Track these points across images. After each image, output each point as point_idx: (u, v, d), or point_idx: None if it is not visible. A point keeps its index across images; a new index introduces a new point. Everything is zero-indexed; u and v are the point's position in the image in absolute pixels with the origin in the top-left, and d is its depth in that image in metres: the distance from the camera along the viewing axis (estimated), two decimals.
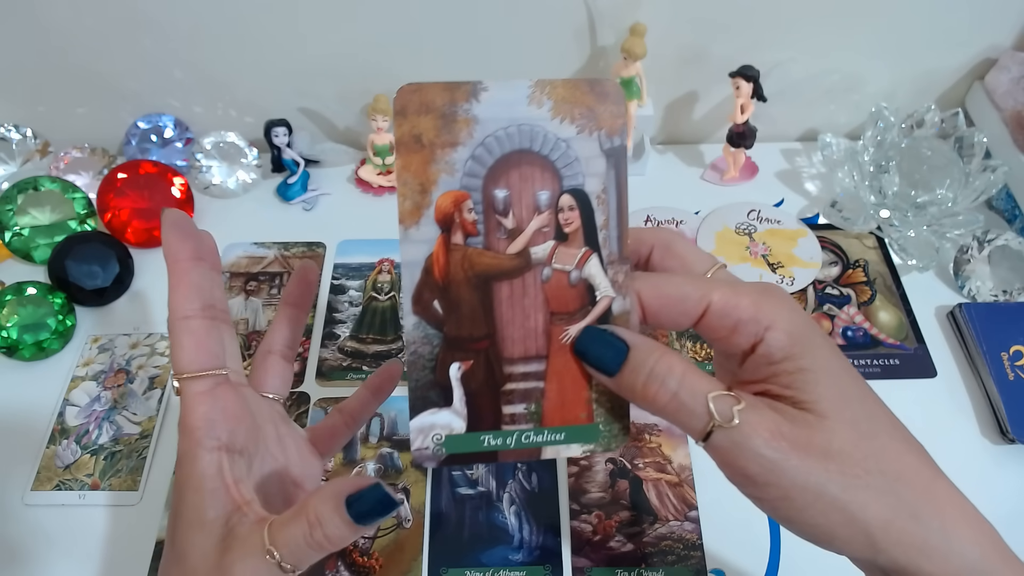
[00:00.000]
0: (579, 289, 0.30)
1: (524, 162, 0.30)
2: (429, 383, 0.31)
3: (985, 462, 0.55)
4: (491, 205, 0.29)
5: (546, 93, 0.30)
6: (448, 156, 0.29)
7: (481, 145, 0.29)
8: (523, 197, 0.30)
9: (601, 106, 0.30)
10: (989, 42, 0.70)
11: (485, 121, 0.29)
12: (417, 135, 0.29)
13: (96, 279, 0.62)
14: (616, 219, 0.30)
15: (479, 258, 0.30)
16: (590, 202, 0.30)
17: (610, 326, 0.30)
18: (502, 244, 0.30)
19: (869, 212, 0.67)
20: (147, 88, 0.71)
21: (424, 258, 0.29)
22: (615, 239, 0.30)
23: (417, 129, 0.29)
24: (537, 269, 0.30)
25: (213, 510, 0.29)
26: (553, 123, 0.30)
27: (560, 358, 0.30)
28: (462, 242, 0.29)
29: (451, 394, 0.30)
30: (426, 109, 0.29)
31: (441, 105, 0.29)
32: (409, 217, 0.29)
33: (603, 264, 0.30)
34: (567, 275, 0.30)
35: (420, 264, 0.29)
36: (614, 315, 0.30)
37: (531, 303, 0.30)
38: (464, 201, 0.29)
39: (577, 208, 0.30)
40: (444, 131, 0.29)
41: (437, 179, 0.29)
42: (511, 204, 0.30)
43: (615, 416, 0.31)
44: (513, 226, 0.30)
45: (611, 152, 0.30)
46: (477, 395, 0.30)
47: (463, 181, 0.29)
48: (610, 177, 0.30)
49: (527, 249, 0.30)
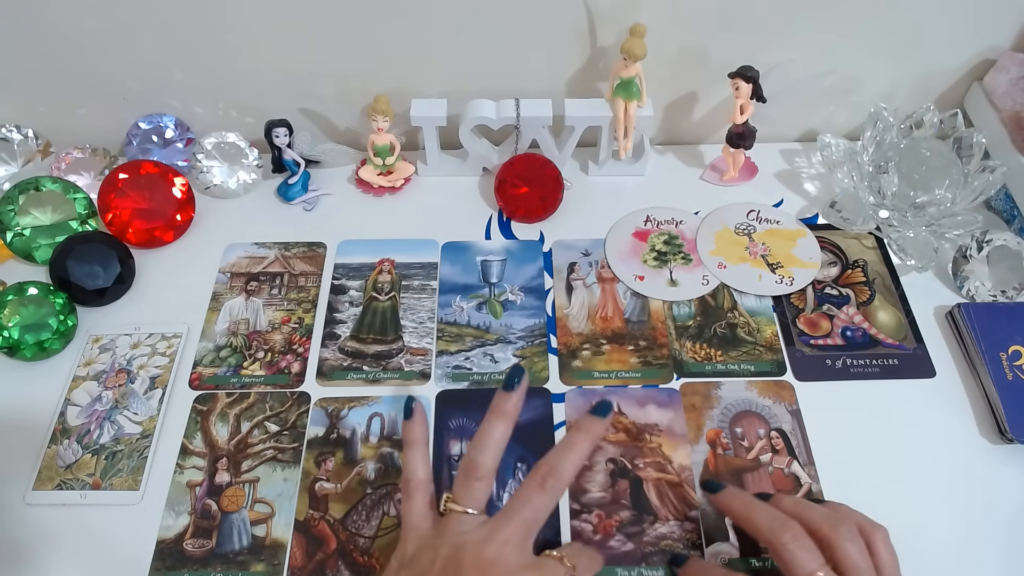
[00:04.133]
0: (791, 478, 0.54)
1: (748, 415, 0.57)
2: (713, 526, 0.52)
3: (984, 462, 0.55)
4: (734, 435, 0.56)
5: (756, 388, 0.59)
6: (709, 413, 0.57)
7: (726, 408, 0.58)
8: (750, 432, 0.56)
9: (784, 392, 0.58)
10: (988, 43, 0.70)
11: (726, 397, 0.58)
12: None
13: (97, 279, 0.63)
14: (802, 441, 0.55)
15: (732, 461, 0.55)
16: (787, 433, 0.56)
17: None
18: (742, 453, 0.55)
19: (868, 212, 0.68)
20: (148, 88, 0.72)
21: (702, 460, 0.55)
22: (804, 452, 0.55)
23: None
24: (764, 467, 0.54)
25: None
26: (761, 399, 0.58)
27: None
28: (722, 452, 0.55)
29: (728, 533, 0.52)
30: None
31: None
32: (694, 440, 0.56)
33: (800, 465, 0.54)
34: (781, 470, 0.54)
35: (700, 464, 0.54)
36: (813, 492, 0.53)
37: (764, 484, 0.54)
38: (720, 433, 0.56)
39: (780, 436, 0.56)
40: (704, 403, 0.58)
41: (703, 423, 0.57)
42: (745, 434, 0.56)
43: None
44: (748, 445, 0.56)
45: (794, 413, 0.57)
46: (742, 535, 0.51)
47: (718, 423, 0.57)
48: (796, 423, 0.57)
49: (758, 457, 0.55)
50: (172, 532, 0.52)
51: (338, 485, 0.54)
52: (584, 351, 0.61)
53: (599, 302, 0.64)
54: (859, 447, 0.55)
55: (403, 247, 0.68)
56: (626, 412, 0.57)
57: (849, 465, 0.54)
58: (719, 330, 0.62)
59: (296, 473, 0.55)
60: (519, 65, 0.70)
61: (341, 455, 0.56)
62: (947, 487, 0.54)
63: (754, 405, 0.58)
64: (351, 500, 0.53)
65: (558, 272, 0.66)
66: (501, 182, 0.70)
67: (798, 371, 0.60)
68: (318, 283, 0.66)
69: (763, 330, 0.62)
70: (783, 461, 0.55)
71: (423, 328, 0.63)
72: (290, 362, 0.61)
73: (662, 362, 0.60)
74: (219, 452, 0.56)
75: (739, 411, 0.57)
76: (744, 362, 0.60)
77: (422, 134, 0.70)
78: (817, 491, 0.53)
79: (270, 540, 0.52)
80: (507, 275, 0.66)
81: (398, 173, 0.73)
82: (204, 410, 0.58)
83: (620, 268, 0.66)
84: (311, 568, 0.50)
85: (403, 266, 0.67)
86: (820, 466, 0.54)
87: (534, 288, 0.65)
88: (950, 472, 0.55)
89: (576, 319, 0.63)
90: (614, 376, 0.59)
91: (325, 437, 0.56)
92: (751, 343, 0.61)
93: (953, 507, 0.53)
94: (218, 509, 0.53)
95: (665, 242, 0.68)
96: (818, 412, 0.57)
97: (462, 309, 0.64)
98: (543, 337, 0.62)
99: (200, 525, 0.52)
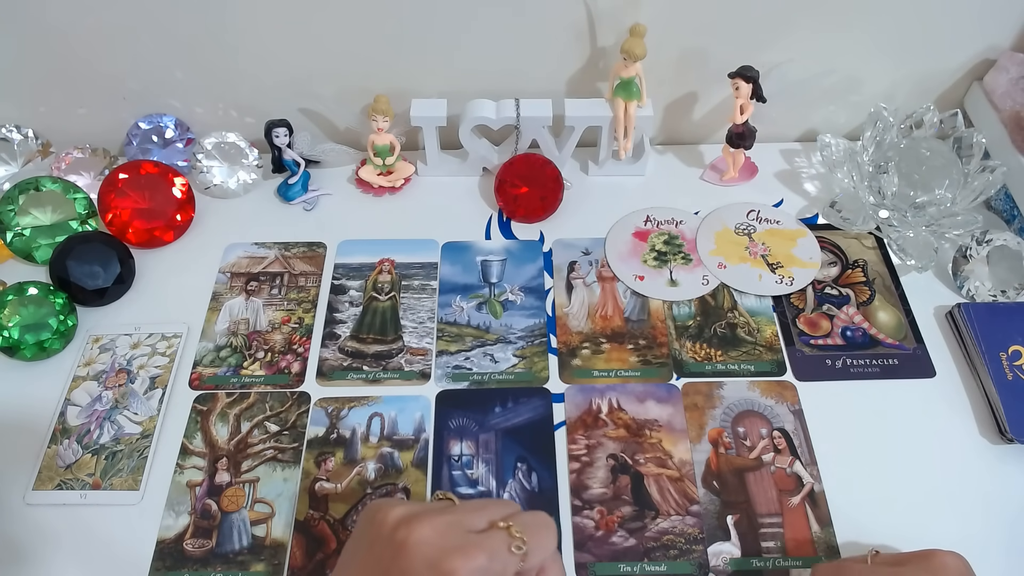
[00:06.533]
0: (793, 478, 0.54)
1: (750, 415, 0.57)
2: (715, 526, 0.51)
3: (984, 462, 0.55)
4: (736, 435, 0.56)
5: (759, 388, 0.59)
6: (712, 412, 0.58)
7: (728, 408, 0.57)
8: (752, 431, 0.56)
9: (786, 391, 0.58)
10: (988, 43, 0.70)
11: (729, 397, 0.58)
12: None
13: (97, 279, 0.63)
14: (805, 441, 0.55)
15: (734, 460, 0.55)
16: (789, 433, 0.56)
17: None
18: (744, 453, 0.55)
19: (868, 212, 0.68)
20: (148, 88, 0.72)
21: (704, 460, 0.55)
22: (806, 452, 0.55)
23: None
24: (767, 467, 0.54)
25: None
26: (763, 399, 0.58)
27: (789, 515, 0.52)
28: (724, 452, 0.55)
29: (730, 533, 0.51)
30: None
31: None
32: (696, 439, 0.56)
33: (803, 464, 0.54)
34: (783, 470, 0.54)
35: (703, 463, 0.54)
36: (815, 492, 0.53)
37: (767, 484, 0.54)
38: (722, 433, 0.56)
39: (782, 436, 0.56)
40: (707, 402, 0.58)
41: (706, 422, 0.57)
42: (747, 434, 0.56)
43: (830, 553, 0.50)
44: (750, 444, 0.55)
45: (796, 413, 0.57)
46: (744, 535, 0.51)
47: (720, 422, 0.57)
48: (798, 422, 0.56)
49: (760, 456, 0.55)
50: (172, 532, 0.52)
51: (338, 485, 0.54)
52: (584, 350, 0.61)
53: (599, 301, 0.64)
54: (859, 447, 0.55)
55: (403, 247, 0.68)
56: (626, 408, 0.57)
57: (850, 465, 0.54)
58: (719, 330, 0.62)
59: (296, 473, 0.55)
60: (519, 65, 0.70)
61: (341, 455, 0.55)
62: (947, 487, 0.54)
63: (756, 405, 0.58)
64: (351, 500, 0.53)
65: (558, 271, 0.66)
66: (501, 182, 0.70)
67: (798, 371, 0.60)
68: (318, 283, 0.66)
69: (763, 330, 0.62)
70: (785, 461, 0.55)
71: (423, 328, 0.63)
72: (290, 362, 0.61)
73: (662, 361, 0.60)
74: (219, 452, 0.56)
75: (741, 411, 0.57)
76: (744, 362, 0.60)
77: (422, 134, 0.70)
78: (819, 491, 0.53)
79: (270, 540, 0.52)
80: (507, 275, 0.66)
81: (398, 173, 0.73)
82: (204, 410, 0.58)
83: (620, 268, 0.66)
84: (311, 568, 0.50)
85: (403, 266, 0.67)
86: (822, 466, 0.54)
87: (534, 288, 0.65)
88: (950, 472, 0.55)
89: (576, 318, 0.63)
90: (614, 375, 0.59)
91: (325, 437, 0.56)
92: (751, 343, 0.61)
93: (953, 507, 0.53)
94: (218, 509, 0.53)
95: (665, 242, 0.68)
96: (818, 412, 0.57)
97: (462, 309, 0.64)
98: (543, 337, 0.62)
99: (200, 525, 0.52)
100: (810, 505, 0.53)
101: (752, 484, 0.54)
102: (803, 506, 0.53)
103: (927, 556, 0.43)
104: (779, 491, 0.53)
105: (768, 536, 0.51)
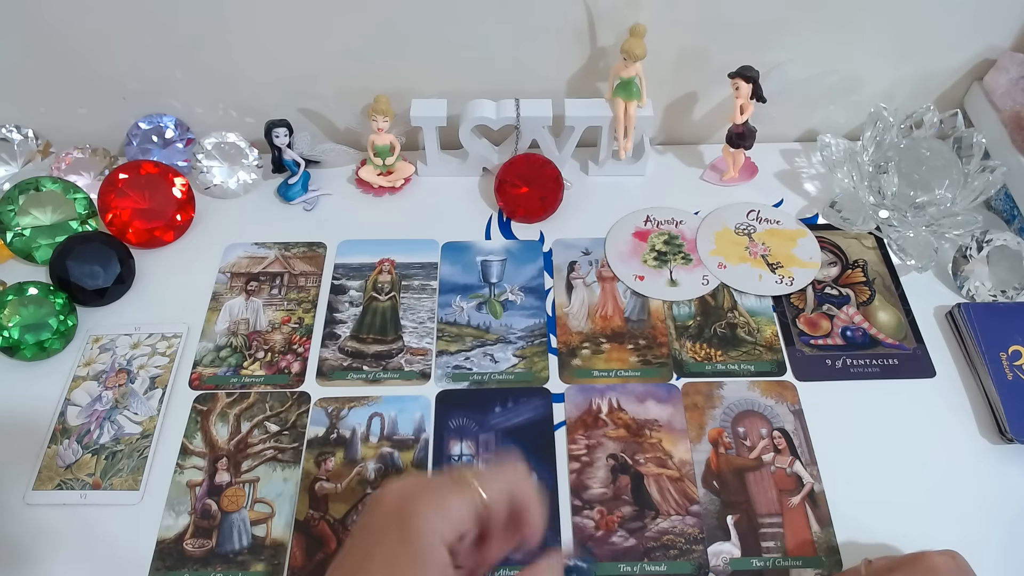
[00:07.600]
0: (793, 478, 0.54)
1: (750, 415, 0.57)
2: (715, 526, 0.52)
3: (984, 462, 0.55)
4: (736, 435, 0.56)
5: (759, 388, 0.59)
6: (712, 412, 0.58)
7: (728, 408, 0.57)
8: (752, 431, 0.56)
9: (787, 392, 0.58)
10: (987, 43, 0.70)
11: (729, 397, 0.58)
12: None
13: (97, 279, 0.63)
14: (804, 441, 0.55)
15: (735, 460, 0.55)
16: (789, 433, 0.56)
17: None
18: (744, 453, 0.55)
19: (868, 212, 0.68)
20: (148, 88, 0.72)
21: (704, 460, 0.55)
22: (806, 452, 0.55)
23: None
24: (767, 467, 0.54)
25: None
26: (764, 399, 0.58)
27: (790, 515, 0.52)
28: (724, 452, 0.55)
29: (730, 533, 0.51)
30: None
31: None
32: (696, 439, 0.56)
33: (803, 465, 0.54)
34: (783, 470, 0.54)
35: (703, 463, 0.55)
36: (815, 492, 0.53)
37: (767, 484, 0.54)
38: (722, 433, 0.56)
39: (782, 436, 0.56)
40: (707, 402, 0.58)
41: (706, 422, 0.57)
42: (748, 434, 0.56)
43: (830, 553, 0.50)
44: (750, 444, 0.56)
45: (796, 413, 0.57)
46: (744, 535, 0.51)
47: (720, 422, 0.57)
48: (798, 422, 0.57)
49: (760, 456, 0.55)
50: (172, 532, 0.52)
51: (338, 485, 0.54)
52: (584, 349, 0.61)
53: (599, 301, 0.64)
54: (860, 447, 0.55)
55: (403, 247, 0.68)
56: (626, 408, 0.57)
57: (850, 464, 0.54)
58: (719, 330, 0.62)
59: (296, 473, 0.55)
60: (519, 65, 0.70)
61: (341, 455, 0.55)
62: (947, 487, 0.54)
63: (756, 405, 0.58)
64: (351, 500, 0.53)
65: (558, 271, 0.66)
66: (501, 182, 0.70)
67: (798, 371, 0.60)
68: (318, 283, 0.66)
69: (763, 330, 0.62)
70: (785, 461, 0.55)
71: (423, 328, 0.63)
72: (290, 362, 0.61)
73: (662, 361, 0.60)
74: (219, 452, 0.56)
75: (741, 411, 0.57)
76: (744, 362, 0.60)
77: (422, 134, 0.70)
78: (819, 491, 0.53)
79: (270, 540, 0.52)
80: (507, 275, 0.66)
81: (398, 173, 0.73)
82: (204, 410, 0.58)
83: (620, 268, 0.66)
84: (311, 568, 0.50)
85: (403, 266, 0.67)
86: (822, 466, 0.54)
87: (534, 288, 0.65)
88: (950, 472, 0.55)
89: (576, 317, 0.63)
90: (614, 375, 0.59)
91: (325, 437, 0.56)
92: (751, 343, 0.61)
93: (953, 506, 0.53)
94: (218, 509, 0.53)
95: (665, 242, 0.68)
96: (819, 412, 0.57)
97: (462, 309, 0.64)
98: (543, 337, 0.62)
99: (200, 525, 0.52)
100: (810, 505, 0.53)
101: (752, 484, 0.54)
102: (803, 506, 0.53)
103: (918, 559, 0.44)
104: (779, 491, 0.53)
105: (768, 536, 0.51)
